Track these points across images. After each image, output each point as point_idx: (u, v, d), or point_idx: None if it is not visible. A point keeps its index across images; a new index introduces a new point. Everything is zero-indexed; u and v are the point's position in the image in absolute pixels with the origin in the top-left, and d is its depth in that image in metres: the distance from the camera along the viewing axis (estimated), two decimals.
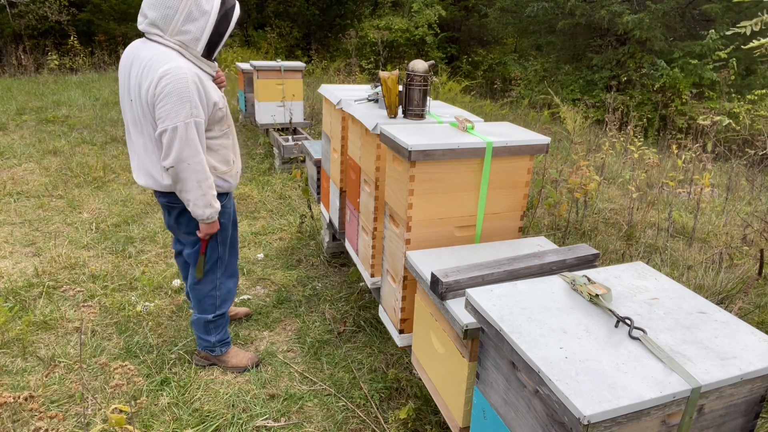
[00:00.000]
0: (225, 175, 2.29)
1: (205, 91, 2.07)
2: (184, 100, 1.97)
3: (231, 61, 11.81)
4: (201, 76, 2.06)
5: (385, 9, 16.03)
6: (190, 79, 1.98)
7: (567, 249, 1.98)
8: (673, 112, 9.00)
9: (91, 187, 4.95)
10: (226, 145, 2.27)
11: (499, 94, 11.69)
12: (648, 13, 9.17)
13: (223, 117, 2.22)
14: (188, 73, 1.98)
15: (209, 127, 2.16)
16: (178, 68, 1.96)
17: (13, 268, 3.47)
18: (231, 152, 2.31)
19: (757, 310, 2.92)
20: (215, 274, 2.45)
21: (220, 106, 2.16)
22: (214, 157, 2.23)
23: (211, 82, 2.14)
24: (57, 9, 12.66)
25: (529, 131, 2.27)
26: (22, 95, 8.67)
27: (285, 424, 2.30)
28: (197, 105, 2.01)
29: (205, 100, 2.07)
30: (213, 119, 2.16)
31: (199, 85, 2.03)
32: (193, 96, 1.99)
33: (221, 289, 2.49)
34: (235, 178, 2.36)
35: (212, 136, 2.20)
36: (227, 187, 2.32)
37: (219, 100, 2.16)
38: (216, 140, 2.22)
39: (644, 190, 5.05)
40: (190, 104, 1.99)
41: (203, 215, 2.15)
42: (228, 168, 2.29)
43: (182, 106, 1.97)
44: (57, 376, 2.50)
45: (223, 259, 2.45)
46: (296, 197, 5.02)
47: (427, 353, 1.97)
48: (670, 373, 1.20)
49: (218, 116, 2.18)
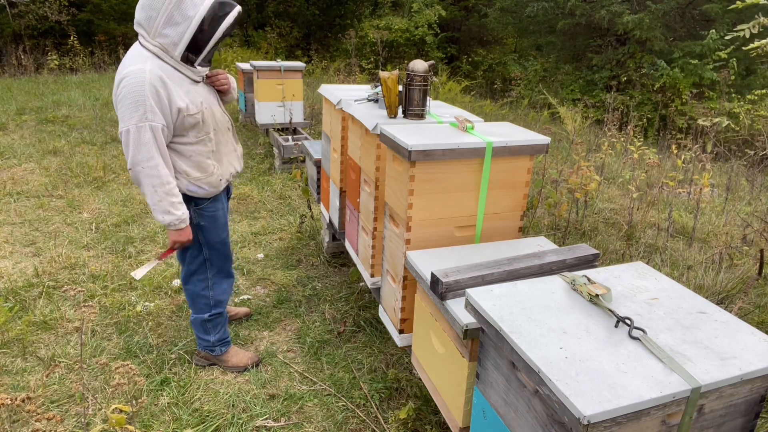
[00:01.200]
0: (199, 182, 2.23)
1: (169, 96, 2.02)
2: (138, 103, 1.96)
3: (231, 61, 11.80)
4: (167, 80, 2.01)
5: (385, 9, 16.04)
6: (147, 83, 1.96)
7: (567, 249, 1.98)
8: (673, 112, 9.00)
9: (91, 187, 4.95)
10: (201, 152, 2.19)
11: (499, 94, 11.69)
12: (648, 13, 9.17)
13: (197, 124, 2.14)
14: (148, 77, 1.96)
15: (181, 133, 2.12)
16: (138, 72, 1.96)
17: (13, 268, 3.47)
18: (210, 159, 2.23)
19: (757, 310, 2.92)
20: (205, 274, 2.44)
21: (191, 113, 2.09)
22: (186, 163, 2.18)
23: (189, 87, 2.10)
24: (57, 9, 12.65)
25: (529, 131, 2.27)
26: (22, 95, 8.67)
27: (285, 424, 2.31)
28: (153, 109, 1.98)
29: (167, 105, 2.02)
30: (183, 125, 2.10)
31: (160, 89, 1.99)
32: (149, 100, 1.97)
33: (214, 290, 2.47)
34: (215, 185, 2.28)
35: (185, 141, 2.15)
36: (203, 193, 2.26)
37: (190, 107, 2.09)
38: (189, 146, 2.17)
39: (644, 190, 5.05)
40: (144, 108, 1.97)
41: (162, 221, 2.12)
42: (203, 175, 2.22)
43: (135, 109, 1.96)
44: (57, 376, 2.50)
45: (211, 260, 2.42)
46: (296, 197, 5.02)
47: (427, 353, 1.97)
48: (670, 373, 1.20)
49: (189, 122, 2.11)
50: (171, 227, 2.15)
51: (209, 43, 2.05)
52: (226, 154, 2.34)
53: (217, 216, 2.37)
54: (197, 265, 2.41)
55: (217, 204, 2.37)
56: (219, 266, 2.47)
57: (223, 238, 2.44)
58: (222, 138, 2.30)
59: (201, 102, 2.15)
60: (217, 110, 2.28)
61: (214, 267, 2.45)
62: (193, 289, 2.46)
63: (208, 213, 2.33)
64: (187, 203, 2.24)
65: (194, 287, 2.45)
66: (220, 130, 2.28)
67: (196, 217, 2.30)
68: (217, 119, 2.25)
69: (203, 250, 2.39)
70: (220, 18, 2.03)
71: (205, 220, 2.33)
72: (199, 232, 2.34)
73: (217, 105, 2.29)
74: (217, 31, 2.04)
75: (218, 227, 2.40)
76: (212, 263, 2.44)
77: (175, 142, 2.14)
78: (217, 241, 2.42)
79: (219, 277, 2.49)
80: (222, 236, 2.43)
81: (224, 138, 2.32)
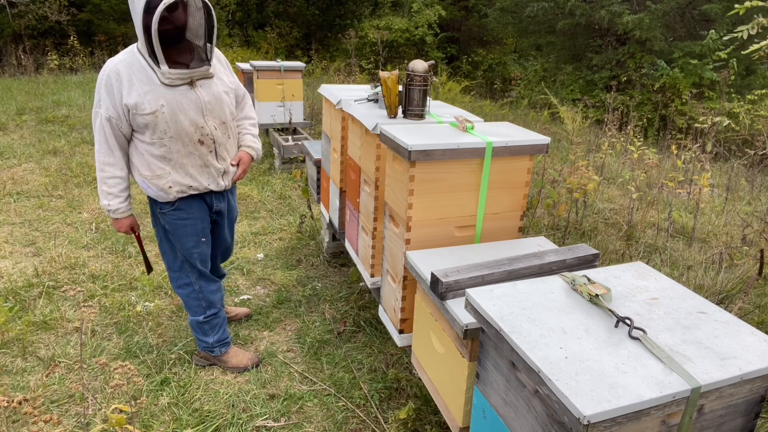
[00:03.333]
0: (147, 180, 2.19)
1: (120, 90, 2.03)
2: (97, 91, 2.09)
3: (231, 61, 11.81)
4: (125, 75, 2.02)
5: (385, 9, 16.03)
6: (105, 74, 2.05)
7: (567, 249, 1.98)
8: (673, 112, 9.00)
9: (91, 187, 4.95)
10: (152, 153, 2.14)
11: (499, 94, 11.69)
12: (648, 13, 9.17)
13: (148, 124, 2.07)
14: (109, 68, 2.05)
15: (137, 129, 2.13)
16: (107, 63, 2.08)
17: (13, 268, 3.47)
18: (160, 163, 2.16)
19: (757, 310, 2.92)
20: (188, 278, 2.43)
21: (142, 112, 2.04)
22: (139, 158, 2.19)
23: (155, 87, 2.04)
24: (57, 9, 12.66)
25: (529, 131, 2.27)
26: (22, 95, 8.67)
27: (285, 424, 2.30)
28: (105, 99, 2.07)
29: (118, 99, 2.04)
30: (136, 122, 2.09)
31: (114, 82, 2.03)
32: (102, 90, 2.06)
33: (202, 292, 2.46)
34: (165, 191, 2.20)
35: (141, 139, 2.15)
36: (153, 194, 2.23)
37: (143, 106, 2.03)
38: (143, 144, 2.15)
39: (644, 190, 5.05)
40: (99, 97, 2.08)
41: (101, 204, 2.24)
42: (149, 174, 2.18)
43: (96, 95, 2.10)
44: (57, 376, 2.50)
45: (188, 263, 2.39)
46: (296, 197, 5.02)
47: (427, 353, 1.97)
48: (670, 373, 1.20)
49: (140, 121, 2.07)
50: (108, 213, 2.25)
51: (152, 38, 1.93)
52: (185, 166, 2.20)
53: (179, 225, 2.30)
54: (178, 267, 2.41)
55: (180, 213, 2.28)
56: (198, 271, 2.43)
57: (188, 247, 2.35)
58: (183, 149, 2.17)
59: (162, 105, 2.06)
60: (186, 119, 2.12)
61: (195, 270, 2.42)
62: (182, 292, 2.47)
63: (169, 219, 2.29)
64: (153, 203, 2.30)
65: (183, 290, 2.46)
66: (181, 140, 2.15)
67: (160, 218, 2.30)
68: (181, 127, 2.12)
69: (177, 253, 2.38)
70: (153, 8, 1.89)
71: (168, 225, 2.30)
72: (165, 233, 2.34)
73: (191, 115, 2.13)
74: (153, 22, 1.89)
75: (182, 236, 2.32)
76: (191, 266, 2.41)
77: (135, 137, 2.17)
78: (183, 250, 2.36)
79: (203, 280, 2.45)
80: (187, 246, 2.35)
81: (187, 149, 2.18)
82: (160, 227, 2.34)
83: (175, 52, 2.06)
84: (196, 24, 2.06)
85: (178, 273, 2.42)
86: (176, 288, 2.48)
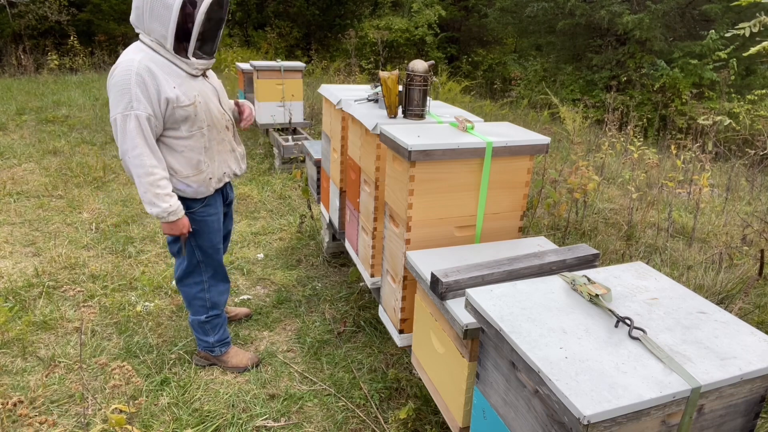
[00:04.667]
0: (187, 180, 2.19)
1: (158, 86, 2.01)
2: (124, 92, 1.98)
3: (231, 61, 11.81)
4: (157, 71, 2.01)
5: (385, 9, 16.03)
6: (134, 72, 1.97)
7: (567, 249, 1.98)
8: (673, 112, 9.00)
9: (91, 187, 4.95)
10: (192, 147, 2.16)
11: (499, 94, 11.69)
12: (648, 13, 9.17)
13: (189, 116, 2.11)
14: (135, 66, 1.98)
15: (173, 126, 2.10)
16: (127, 62, 1.99)
17: (13, 268, 3.47)
18: (201, 156, 2.20)
19: (757, 310, 2.92)
20: (201, 276, 2.42)
21: (182, 104, 2.07)
22: (177, 159, 2.16)
23: (184, 79, 2.08)
24: (57, 9, 12.65)
25: (529, 131, 2.27)
26: (22, 95, 8.67)
27: (285, 424, 2.31)
28: (139, 98, 1.98)
29: (155, 94, 2.01)
30: (174, 117, 2.08)
31: (147, 79, 1.99)
32: (134, 88, 1.97)
33: (210, 292, 2.46)
34: (205, 184, 2.24)
35: (177, 135, 2.12)
36: (191, 192, 2.22)
37: (181, 98, 2.06)
38: (180, 140, 2.14)
39: (644, 190, 5.05)
40: (130, 96, 1.98)
41: (150, 212, 2.12)
42: (192, 172, 2.19)
43: (121, 98, 1.98)
44: (57, 376, 2.50)
45: (206, 263, 2.40)
46: (296, 197, 5.02)
47: (427, 353, 1.97)
48: (670, 373, 1.20)
49: (180, 114, 2.08)
50: (160, 219, 2.15)
51: (194, 30, 2.01)
52: (220, 153, 2.30)
53: (208, 221, 2.33)
54: (192, 266, 2.40)
55: (209, 209, 2.32)
56: (214, 269, 2.45)
57: (214, 243, 2.39)
58: (217, 136, 2.26)
59: (195, 95, 2.12)
60: (215, 107, 2.24)
61: (209, 270, 2.43)
62: (189, 291, 2.45)
63: (198, 217, 2.29)
64: None
65: (190, 289, 2.44)
66: (216, 128, 2.24)
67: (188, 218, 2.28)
68: (213, 116, 2.22)
69: (196, 253, 2.37)
70: (196, 3, 1.98)
71: (196, 224, 2.30)
72: (190, 235, 2.32)
73: (215, 102, 2.26)
74: (197, 16, 1.98)
75: (210, 233, 2.35)
76: (207, 266, 2.41)
77: (167, 135, 2.12)
78: (208, 246, 2.37)
79: (215, 279, 2.47)
80: (214, 242, 2.39)
81: (220, 136, 2.28)
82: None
83: (201, 45, 2.11)
84: (219, 18, 2.13)
85: (192, 272, 2.41)
86: (183, 286, 2.45)
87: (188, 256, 2.37)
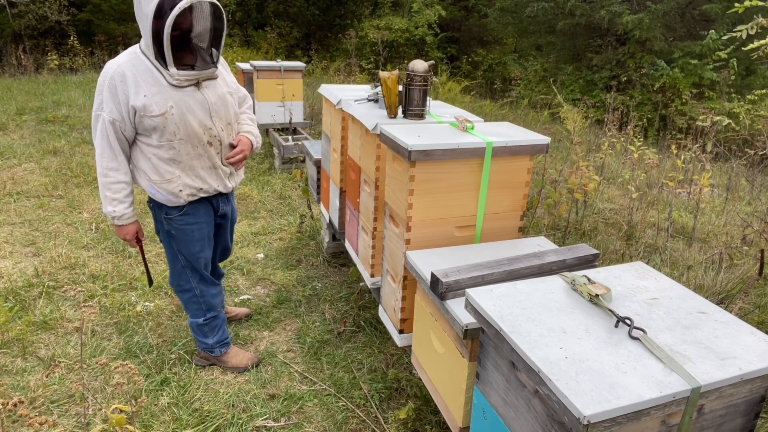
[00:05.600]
0: (155, 185, 2.16)
1: (126, 92, 1.99)
2: (98, 93, 2.05)
3: (231, 61, 11.80)
4: (131, 77, 1.98)
5: (385, 9, 16.03)
6: (108, 76, 2.01)
7: (567, 249, 1.98)
8: (673, 112, 9.00)
9: (91, 187, 4.95)
10: (161, 156, 2.11)
11: (499, 94, 11.70)
12: (648, 13, 9.17)
13: (157, 127, 2.05)
14: (112, 70, 2.00)
15: (143, 132, 2.09)
16: (110, 64, 2.04)
17: (13, 268, 3.47)
18: (170, 166, 2.14)
19: (757, 310, 2.92)
20: (189, 282, 2.41)
21: (150, 114, 2.01)
22: (146, 163, 2.15)
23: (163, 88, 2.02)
24: (57, 9, 12.65)
25: (529, 131, 2.27)
26: (22, 95, 8.67)
27: (285, 424, 2.30)
28: (107, 102, 2.02)
29: (124, 101, 2.00)
30: (143, 125, 2.05)
31: (118, 84, 1.98)
32: (105, 92, 2.02)
33: (203, 296, 2.45)
34: (175, 195, 2.18)
35: (148, 142, 2.11)
36: (162, 198, 2.19)
37: (151, 108, 2.00)
38: (150, 147, 2.11)
39: (644, 190, 5.05)
40: (101, 99, 2.04)
41: (104, 211, 2.19)
42: (159, 179, 2.15)
43: (96, 98, 2.06)
44: (57, 376, 2.50)
45: (190, 268, 2.38)
46: (296, 197, 5.02)
47: (427, 353, 1.97)
48: (670, 373, 1.20)
49: (148, 124, 2.04)
50: (110, 219, 2.22)
51: (164, 41, 1.91)
52: (194, 168, 2.19)
53: (186, 230, 2.28)
54: (177, 271, 2.39)
55: (187, 218, 2.27)
56: (200, 275, 2.42)
57: (194, 252, 2.34)
58: (192, 151, 2.15)
59: (171, 106, 2.04)
60: (195, 121, 2.11)
61: (196, 275, 2.41)
62: (183, 296, 2.46)
63: (176, 224, 2.27)
64: (158, 208, 2.25)
65: (183, 294, 2.45)
66: (191, 142, 2.13)
67: (166, 223, 2.28)
68: (190, 129, 2.10)
69: (179, 258, 2.36)
70: (166, 12, 1.88)
71: (174, 231, 2.28)
72: (171, 239, 2.31)
73: (199, 115, 2.12)
74: (165, 26, 1.88)
75: (189, 242, 2.31)
76: (192, 271, 2.40)
77: (140, 140, 2.13)
78: (188, 254, 2.35)
79: (204, 284, 2.45)
80: (193, 251, 2.34)
81: (196, 151, 2.16)
82: (164, 232, 2.32)
83: (181, 55, 2.03)
84: (202, 29, 2.03)
85: (179, 276, 2.41)
86: (177, 292, 2.47)
87: (173, 260, 2.38)
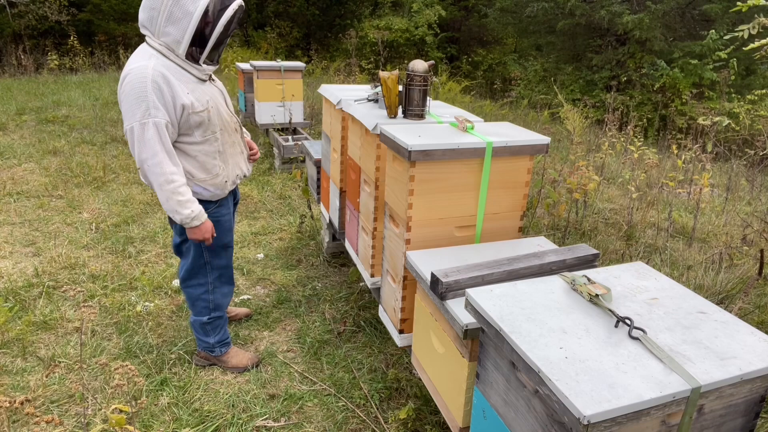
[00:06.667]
0: (203, 183, 2.21)
1: (173, 93, 2.00)
2: (140, 100, 1.95)
3: (231, 61, 11.81)
4: (170, 77, 1.99)
5: (385, 9, 16.03)
6: (149, 79, 1.95)
7: (567, 249, 1.98)
8: (673, 112, 9.00)
9: (91, 187, 4.95)
10: (207, 151, 2.18)
11: (499, 94, 11.69)
12: (648, 13, 9.17)
13: (203, 122, 2.11)
14: (150, 73, 1.95)
15: (186, 132, 2.10)
16: (141, 68, 1.96)
17: (13, 268, 3.47)
18: (216, 160, 2.21)
19: (757, 310, 2.92)
20: (206, 277, 2.42)
21: (196, 110, 2.08)
22: (191, 163, 2.16)
23: (195, 85, 2.09)
24: (57, 9, 12.65)
25: (529, 131, 2.27)
26: (22, 95, 8.67)
27: (285, 424, 2.31)
28: (156, 105, 1.97)
29: (171, 101, 2.00)
30: (188, 123, 2.08)
31: (163, 86, 1.98)
32: (150, 96, 1.95)
33: (215, 293, 2.46)
34: (221, 187, 2.27)
35: (191, 141, 2.13)
36: (208, 195, 2.24)
37: (195, 104, 2.07)
38: (194, 146, 2.14)
39: (644, 190, 5.05)
40: (147, 104, 1.96)
41: (175, 219, 2.12)
42: (207, 176, 2.20)
43: (138, 106, 1.96)
44: (57, 376, 2.50)
45: (212, 264, 2.41)
46: (296, 197, 5.02)
47: (427, 353, 1.97)
48: (669, 373, 1.20)
49: (194, 120, 2.09)
50: (184, 225, 2.14)
51: (211, 38, 2.03)
52: (233, 155, 2.32)
53: (222, 222, 2.35)
54: (197, 267, 2.39)
55: (222, 209, 2.35)
56: (220, 271, 2.45)
57: (225, 242, 2.42)
58: (229, 139, 2.28)
59: (207, 100, 2.13)
60: (224, 110, 2.25)
61: (215, 271, 2.44)
62: (193, 291, 2.45)
63: (213, 218, 2.30)
64: None
65: (194, 290, 2.44)
66: (227, 131, 2.26)
67: None
68: (224, 119, 2.24)
69: (204, 254, 2.38)
70: (219, 12, 2.00)
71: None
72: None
73: (224, 105, 2.27)
74: (218, 24, 2.02)
75: (221, 232, 2.37)
76: (213, 267, 2.42)
77: (181, 141, 2.12)
78: (219, 246, 2.40)
79: (220, 281, 2.47)
80: (225, 241, 2.41)
81: (231, 139, 2.29)
82: None
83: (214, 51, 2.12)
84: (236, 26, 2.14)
85: (197, 273, 2.41)
86: (187, 287, 2.45)
87: (195, 256, 2.37)
